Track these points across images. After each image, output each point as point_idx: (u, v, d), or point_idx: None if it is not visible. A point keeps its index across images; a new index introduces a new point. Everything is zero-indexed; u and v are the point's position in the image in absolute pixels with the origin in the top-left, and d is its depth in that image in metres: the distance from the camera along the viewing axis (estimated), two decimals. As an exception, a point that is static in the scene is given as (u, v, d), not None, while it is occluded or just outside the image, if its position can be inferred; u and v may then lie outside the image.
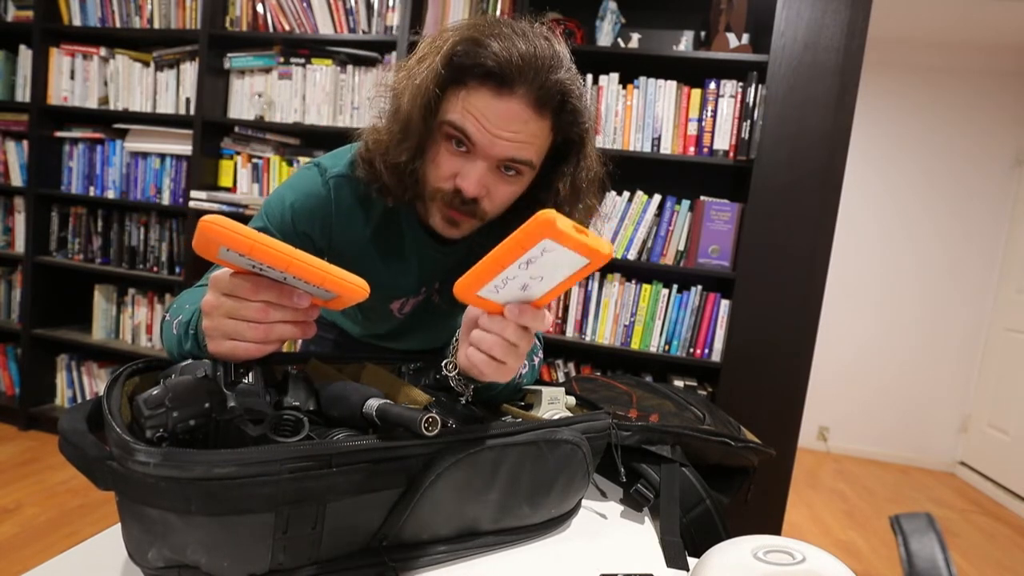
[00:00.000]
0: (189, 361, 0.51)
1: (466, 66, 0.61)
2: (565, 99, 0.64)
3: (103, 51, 2.25)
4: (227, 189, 2.21)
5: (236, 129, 2.15)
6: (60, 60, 2.26)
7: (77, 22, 2.24)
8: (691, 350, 1.86)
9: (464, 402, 0.63)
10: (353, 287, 0.44)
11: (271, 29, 2.08)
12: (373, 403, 0.51)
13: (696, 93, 1.81)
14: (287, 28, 2.07)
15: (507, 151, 0.63)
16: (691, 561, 0.61)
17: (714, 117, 1.80)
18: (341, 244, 0.75)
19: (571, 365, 2.01)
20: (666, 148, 1.85)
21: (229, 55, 2.14)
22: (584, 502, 0.71)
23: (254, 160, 2.17)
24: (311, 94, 2.07)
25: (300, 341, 0.93)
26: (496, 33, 0.61)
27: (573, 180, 0.70)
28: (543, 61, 0.61)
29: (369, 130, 0.70)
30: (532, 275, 0.45)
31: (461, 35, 0.62)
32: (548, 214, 0.40)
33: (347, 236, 0.74)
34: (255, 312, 0.44)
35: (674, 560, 0.61)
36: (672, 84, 1.83)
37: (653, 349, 1.89)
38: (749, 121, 1.75)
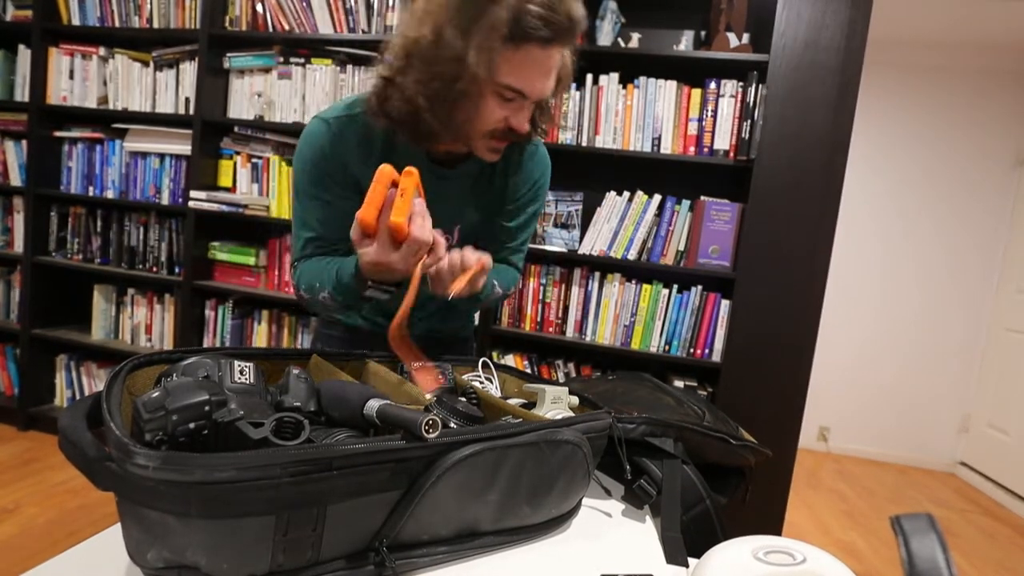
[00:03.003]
0: (191, 360, 0.51)
1: (529, 29, 0.66)
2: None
3: (102, 51, 2.25)
4: (227, 189, 2.20)
5: (236, 129, 2.15)
6: (59, 60, 2.26)
7: (76, 21, 2.24)
8: (691, 350, 1.86)
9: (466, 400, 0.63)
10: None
11: (271, 29, 2.08)
12: (373, 404, 0.51)
13: (696, 93, 1.81)
14: (287, 28, 2.07)
15: (546, 94, 0.74)
16: (690, 562, 0.61)
17: (714, 117, 1.80)
18: (355, 182, 0.82)
19: (571, 365, 2.01)
20: (666, 148, 1.85)
21: (229, 55, 2.14)
22: (585, 500, 0.71)
23: (254, 160, 2.17)
24: (311, 94, 2.07)
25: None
26: None
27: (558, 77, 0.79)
28: (582, 14, 0.68)
29: (407, 83, 0.72)
30: None
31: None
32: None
33: (359, 170, 0.82)
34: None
35: (674, 556, 0.61)
36: (672, 84, 1.83)
37: (653, 349, 1.89)
38: (749, 121, 1.74)
